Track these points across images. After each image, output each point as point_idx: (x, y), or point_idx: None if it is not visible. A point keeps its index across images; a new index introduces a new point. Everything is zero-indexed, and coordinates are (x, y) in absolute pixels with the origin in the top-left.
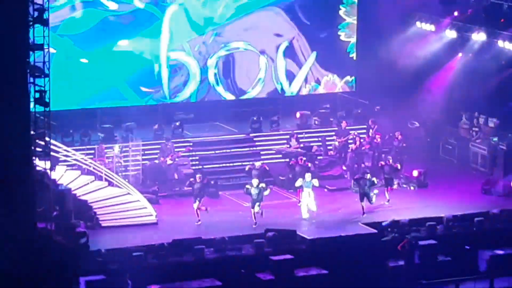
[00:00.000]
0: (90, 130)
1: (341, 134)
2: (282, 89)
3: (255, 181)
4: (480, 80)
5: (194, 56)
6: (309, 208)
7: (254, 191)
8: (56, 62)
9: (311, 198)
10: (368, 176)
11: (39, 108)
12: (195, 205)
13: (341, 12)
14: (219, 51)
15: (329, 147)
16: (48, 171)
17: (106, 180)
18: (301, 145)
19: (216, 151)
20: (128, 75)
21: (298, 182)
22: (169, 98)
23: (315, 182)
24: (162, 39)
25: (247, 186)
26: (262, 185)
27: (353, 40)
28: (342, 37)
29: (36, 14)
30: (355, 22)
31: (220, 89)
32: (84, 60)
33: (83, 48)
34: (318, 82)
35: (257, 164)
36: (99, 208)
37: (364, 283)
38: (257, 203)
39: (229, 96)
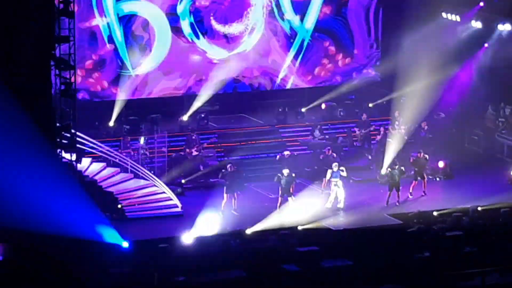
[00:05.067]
0: (115, 122)
1: (362, 126)
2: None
3: (285, 171)
4: (506, 70)
5: None
6: (338, 199)
7: (283, 181)
8: None
9: (340, 189)
10: (396, 167)
11: (65, 100)
12: (225, 197)
13: None
14: None
15: (354, 138)
16: (74, 163)
17: (131, 172)
18: (326, 136)
19: (242, 143)
20: None
21: (328, 174)
22: None
23: (343, 172)
24: None
25: (278, 174)
26: (293, 175)
27: None
28: None
29: (61, 6)
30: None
31: (202, 43)
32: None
33: None
34: None
35: (286, 153)
36: (124, 200)
37: (390, 274)
38: (286, 194)
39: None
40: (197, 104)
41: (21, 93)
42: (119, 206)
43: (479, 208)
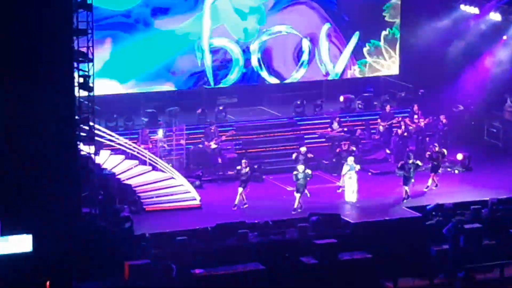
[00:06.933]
0: (133, 115)
1: (385, 117)
2: (326, 71)
3: (301, 167)
4: None
5: (237, 42)
6: (351, 192)
7: (300, 176)
8: None
9: (354, 182)
10: (411, 160)
11: (83, 93)
12: (240, 190)
13: None
14: (262, 36)
15: (372, 131)
16: (92, 155)
17: (150, 164)
18: (345, 129)
19: (260, 135)
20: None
21: (345, 169)
22: (213, 85)
23: (357, 166)
24: (204, 24)
25: (295, 172)
26: (308, 171)
27: (397, 21)
28: (387, 18)
29: None
30: (399, 2)
31: (264, 73)
32: None
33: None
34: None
35: (302, 149)
36: (143, 192)
37: (408, 267)
38: (302, 189)
39: (273, 80)
40: (215, 96)
41: (41, 86)
42: (137, 198)
43: (498, 201)
